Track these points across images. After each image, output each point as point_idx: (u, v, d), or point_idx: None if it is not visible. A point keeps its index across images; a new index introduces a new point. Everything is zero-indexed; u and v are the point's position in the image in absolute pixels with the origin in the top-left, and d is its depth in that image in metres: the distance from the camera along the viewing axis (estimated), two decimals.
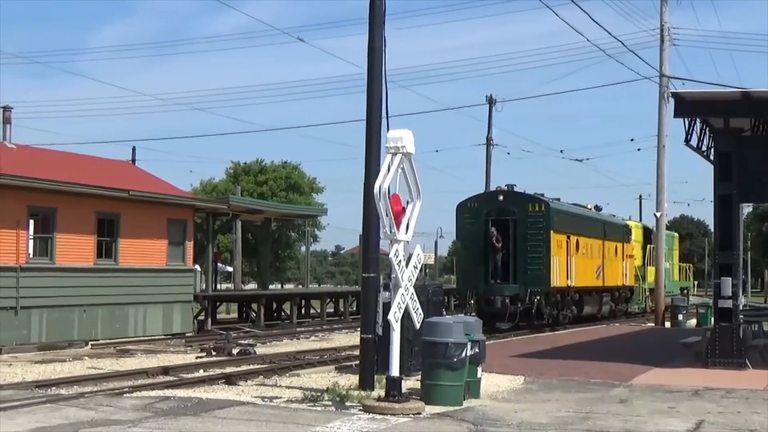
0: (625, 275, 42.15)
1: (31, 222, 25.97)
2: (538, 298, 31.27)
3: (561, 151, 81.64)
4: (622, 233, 42.14)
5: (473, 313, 29.19)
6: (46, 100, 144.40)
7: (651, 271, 46.69)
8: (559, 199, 35.38)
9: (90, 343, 26.36)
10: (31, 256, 25.89)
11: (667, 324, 37.06)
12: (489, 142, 49.44)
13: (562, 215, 33.44)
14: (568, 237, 33.49)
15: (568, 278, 33.51)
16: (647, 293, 46.77)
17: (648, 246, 47.38)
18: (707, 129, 20.46)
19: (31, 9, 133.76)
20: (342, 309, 42.85)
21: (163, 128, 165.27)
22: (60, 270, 26.41)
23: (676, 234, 59.45)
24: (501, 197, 32.14)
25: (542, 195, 33.29)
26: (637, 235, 46.33)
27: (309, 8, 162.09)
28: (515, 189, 33.19)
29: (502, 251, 31.13)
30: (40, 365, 20.94)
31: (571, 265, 33.69)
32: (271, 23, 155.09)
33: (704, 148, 20.94)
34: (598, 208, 40.89)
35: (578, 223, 35.52)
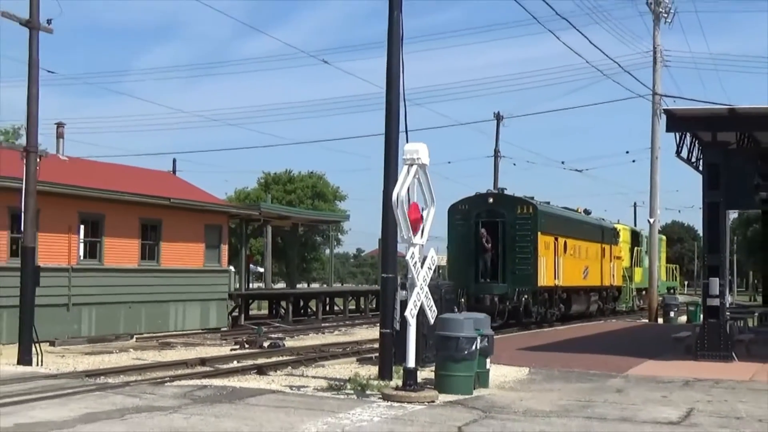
0: (613, 275, 40.50)
1: (82, 227, 26.13)
2: (526, 296, 29.95)
3: (562, 162, 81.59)
4: (610, 236, 40.40)
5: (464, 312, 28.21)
6: (95, 117, 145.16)
7: (638, 271, 45.80)
8: (549, 203, 34.04)
9: (135, 336, 26.48)
10: (81, 258, 26.05)
11: (660, 320, 36.96)
12: (496, 154, 49.36)
13: (549, 217, 32.00)
14: (556, 238, 32.09)
15: (555, 278, 32.13)
16: (634, 293, 45.67)
17: (635, 248, 46.19)
18: (696, 142, 20.41)
19: (83, 34, 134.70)
20: (363, 306, 42.95)
21: (201, 142, 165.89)
22: (107, 270, 26.56)
23: (664, 237, 58.20)
24: (491, 200, 30.71)
25: (532, 198, 31.88)
26: (624, 237, 44.63)
27: (333, 33, 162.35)
28: (505, 192, 32.20)
29: (492, 252, 29.83)
30: (89, 356, 21.05)
31: (559, 265, 32.28)
32: (298, 47, 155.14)
33: (694, 159, 20.90)
34: (587, 212, 39.32)
35: (566, 225, 33.95)
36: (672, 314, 38.02)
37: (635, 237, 46.76)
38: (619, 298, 42.96)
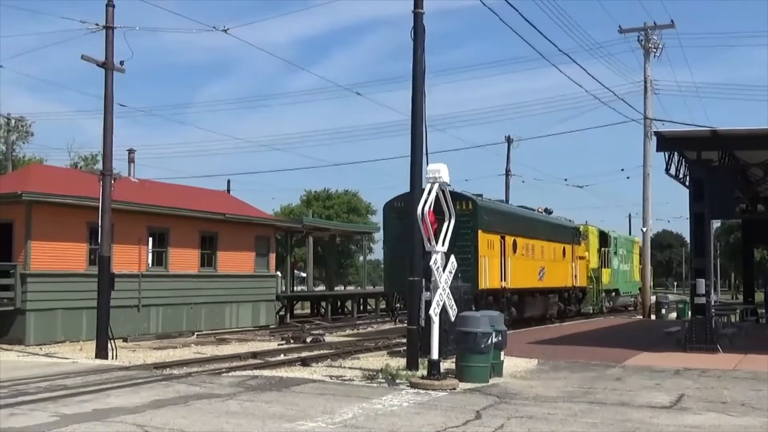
0: (575, 276, 33.83)
1: (150, 239, 26.31)
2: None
3: (565, 180, 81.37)
4: (571, 235, 33.76)
5: (399, 319, 23.94)
6: (161, 144, 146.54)
7: (606, 272, 40.33)
8: (502, 201, 29.42)
9: (195, 333, 26.59)
10: (150, 265, 26.22)
11: (653, 317, 36.59)
12: (507, 172, 49.11)
13: (492, 214, 25.75)
14: (503, 237, 25.79)
15: (503, 279, 25.78)
16: (603, 294, 39.52)
17: (603, 249, 40.21)
18: (683, 160, 20.28)
19: (151, 72, 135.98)
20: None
21: (252, 164, 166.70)
22: (172, 276, 26.71)
23: (636, 239, 50.83)
24: None
25: (481, 196, 25.90)
26: (592, 238, 38.70)
27: (364, 68, 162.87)
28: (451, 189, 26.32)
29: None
30: (157, 351, 21.17)
31: (507, 266, 25.94)
32: (334, 81, 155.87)
33: (681, 175, 20.76)
34: (548, 211, 33.82)
35: (514, 223, 27.48)
36: (663, 311, 37.64)
37: (603, 238, 40.83)
38: (585, 300, 36.48)
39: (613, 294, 41.40)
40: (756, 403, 11.31)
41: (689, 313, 20.85)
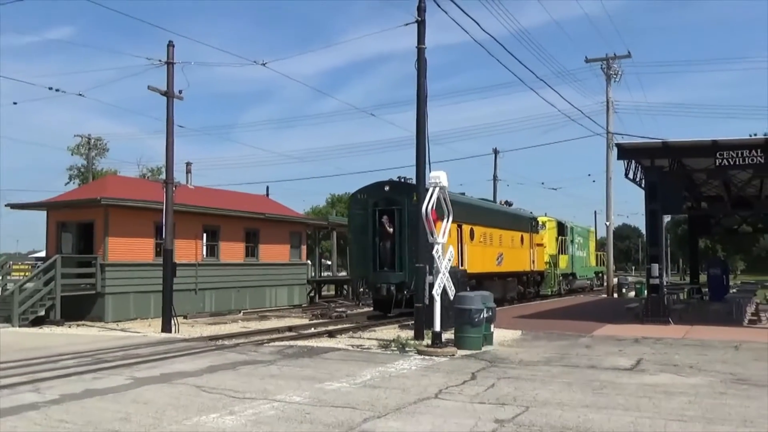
0: (533, 261, 31.11)
1: (205, 235, 26.37)
2: None
3: (542, 183, 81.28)
4: (529, 224, 30.95)
5: (362, 303, 22.03)
6: (213, 158, 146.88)
7: (563, 258, 37.83)
8: (464, 194, 26.43)
9: (242, 311, 26.63)
10: (204, 256, 26.27)
11: (615, 295, 36.39)
12: (495, 178, 49.00)
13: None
14: (459, 225, 23.17)
15: (460, 265, 22.90)
16: (560, 278, 36.73)
17: (560, 237, 37.52)
18: (640, 166, 20.19)
19: (204, 99, 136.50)
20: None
21: (286, 173, 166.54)
22: (222, 265, 26.77)
23: (592, 229, 49.18)
24: (387, 188, 22.13)
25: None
26: (550, 227, 35.94)
27: (378, 94, 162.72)
28: (403, 180, 22.58)
29: (393, 239, 21.77)
30: (211, 326, 21.23)
31: (464, 252, 23.64)
32: (353, 105, 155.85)
33: (638, 179, 20.68)
34: (508, 203, 31.54)
35: (471, 212, 24.75)
36: (624, 290, 37.48)
37: (561, 228, 38.18)
38: (543, 283, 33.91)
39: (570, 277, 39.06)
40: (702, 366, 11.25)
41: (645, 292, 20.73)
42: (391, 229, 21.51)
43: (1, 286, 21.91)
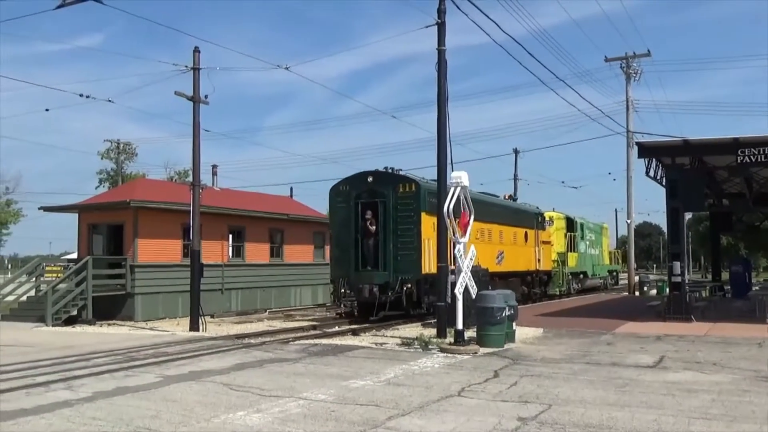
0: (539, 260, 28.29)
1: (230, 235, 26.52)
2: (409, 286, 19.11)
3: (562, 182, 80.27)
4: (534, 220, 28.17)
5: (346, 304, 20.45)
6: (238, 160, 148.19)
7: (573, 256, 34.88)
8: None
9: (267, 310, 26.72)
10: (230, 257, 26.42)
11: (637, 293, 35.99)
12: (515, 178, 48.71)
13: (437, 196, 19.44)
14: None
15: (451, 264, 18.23)
16: (569, 277, 33.65)
17: (569, 234, 34.53)
18: (660, 165, 19.93)
19: (230, 103, 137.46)
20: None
21: (310, 175, 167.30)
22: (248, 265, 26.90)
23: (606, 225, 45.34)
24: (370, 178, 19.89)
25: (425, 179, 20.08)
26: (558, 224, 33.16)
27: (399, 96, 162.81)
28: (388, 170, 20.16)
29: (377, 237, 19.52)
30: (237, 324, 21.32)
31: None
32: (374, 107, 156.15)
33: (658, 177, 20.42)
34: (512, 198, 29.71)
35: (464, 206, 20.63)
36: (646, 288, 37.02)
37: (570, 224, 35.25)
38: (551, 283, 30.84)
39: (581, 276, 36.27)
40: (725, 363, 11.08)
41: (667, 289, 20.48)
42: (373, 228, 19.61)
43: (35, 287, 22.27)
